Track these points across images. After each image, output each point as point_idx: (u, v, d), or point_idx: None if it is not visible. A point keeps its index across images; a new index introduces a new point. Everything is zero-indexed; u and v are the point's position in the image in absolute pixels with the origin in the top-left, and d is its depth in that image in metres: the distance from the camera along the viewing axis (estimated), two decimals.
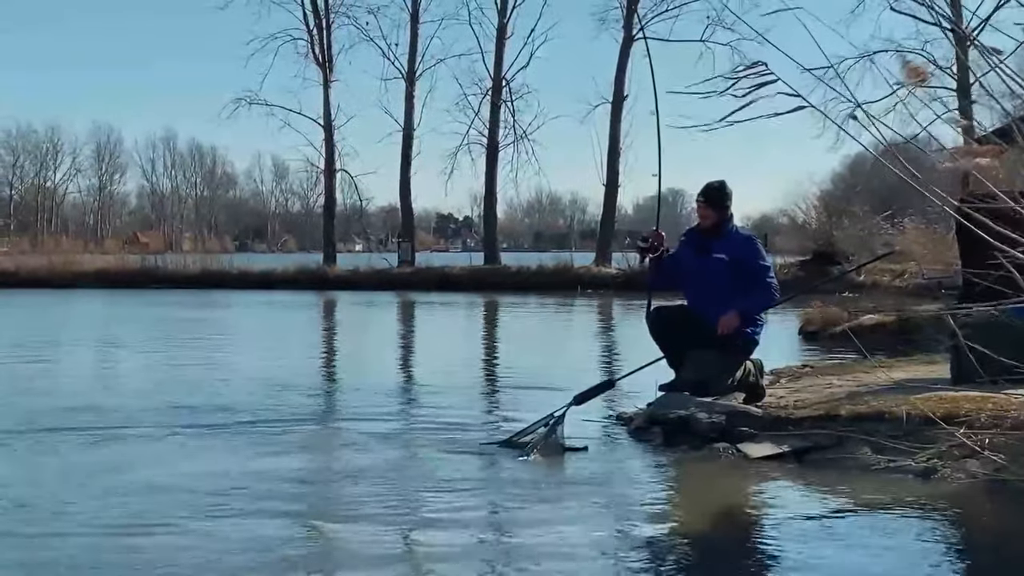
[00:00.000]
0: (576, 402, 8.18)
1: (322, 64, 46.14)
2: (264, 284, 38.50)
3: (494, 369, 14.61)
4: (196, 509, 6.05)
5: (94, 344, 17.84)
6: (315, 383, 12.67)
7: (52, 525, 5.75)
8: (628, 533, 5.72)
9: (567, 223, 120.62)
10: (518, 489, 6.76)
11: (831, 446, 7.36)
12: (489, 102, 45.23)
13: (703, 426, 7.87)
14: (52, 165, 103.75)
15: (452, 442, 8.09)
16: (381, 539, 5.53)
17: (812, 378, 10.06)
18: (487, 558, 5.30)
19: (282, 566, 5.04)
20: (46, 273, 40.06)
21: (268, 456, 7.63)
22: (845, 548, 5.33)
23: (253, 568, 4.99)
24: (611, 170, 43.41)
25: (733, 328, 8.20)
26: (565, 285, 35.83)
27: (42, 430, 8.57)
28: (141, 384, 11.94)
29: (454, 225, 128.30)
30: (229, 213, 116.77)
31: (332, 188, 47.97)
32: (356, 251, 74.20)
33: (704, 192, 8.55)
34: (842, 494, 6.45)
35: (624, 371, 9.61)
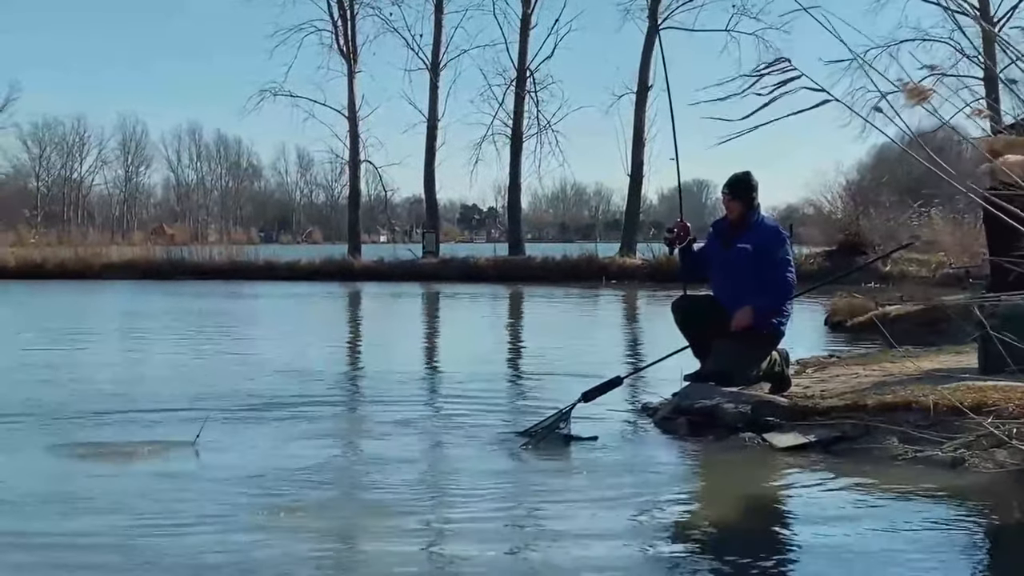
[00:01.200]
0: (584, 399, 8.18)
1: (346, 55, 46.18)
2: (289, 275, 38.62)
3: (519, 359, 14.62)
4: (215, 499, 6.07)
5: (122, 335, 17.94)
6: (341, 373, 12.72)
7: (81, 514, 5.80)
8: (653, 523, 5.72)
9: (592, 214, 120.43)
10: (543, 478, 6.77)
11: (858, 436, 7.33)
12: (513, 93, 45.18)
13: (729, 416, 7.85)
14: (78, 157, 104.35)
15: (476, 431, 8.11)
16: (405, 528, 5.53)
17: (838, 368, 10.03)
18: (512, 547, 5.30)
19: (305, 553, 5.07)
20: (73, 264, 40.25)
21: (294, 443, 7.66)
22: (872, 538, 5.31)
23: (279, 561, 4.99)
24: (636, 160, 43.27)
25: (747, 324, 8.17)
26: (590, 276, 35.84)
27: (69, 418, 8.63)
28: (168, 373, 11.99)
29: (478, 216, 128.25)
30: (254, 205, 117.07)
31: (357, 179, 48.00)
32: (381, 242, 74.36)
33: (729, 184, 8.53)
34: (869, 484, 6.42)
35: (649, 362, 9.58)
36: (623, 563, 4.97)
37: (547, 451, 7.48)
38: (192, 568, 4.85)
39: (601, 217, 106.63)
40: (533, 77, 45.38)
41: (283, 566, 4.88)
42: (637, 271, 36.75)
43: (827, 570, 4.84)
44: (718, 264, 8.51)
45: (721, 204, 8.82)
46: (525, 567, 5.02)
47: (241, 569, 4.82)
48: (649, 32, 42.14)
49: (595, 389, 8.30)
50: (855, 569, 4.84)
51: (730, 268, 8.35)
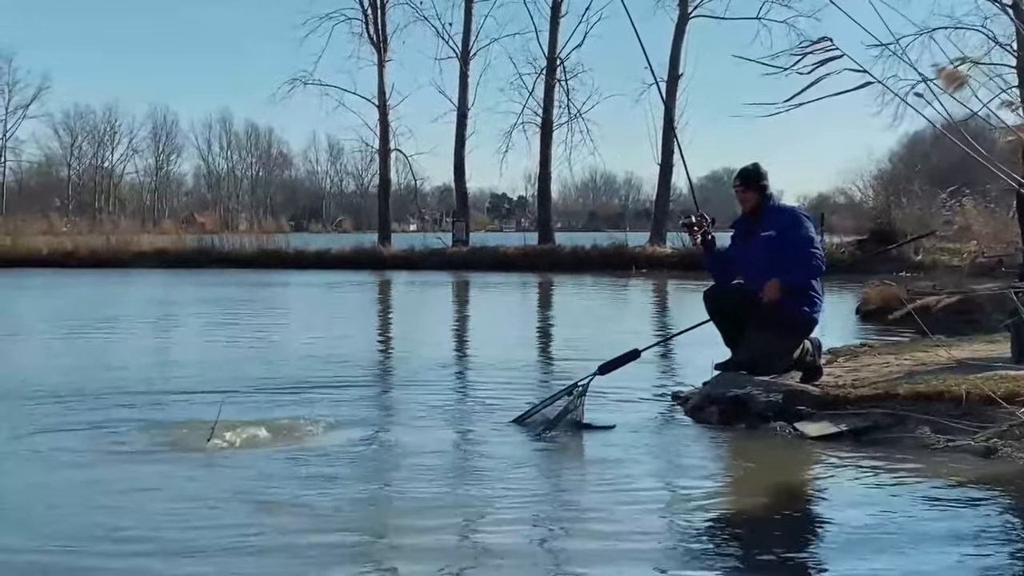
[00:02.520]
0: (600, 371, 8.19)
1: (376, 44, 46.21)
2: (320, 264, 38.76)
3: (549, 346, 14.64)
4: (238, 489, 6.08)
5: (156, 322, 18.03)
6: (373, 358, 12.81)
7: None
8: (684, 512, 5.72)
9: (621, 203, 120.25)
10: (574, 465, 6.79)
11: (890, 425, 7.32)
12: (543, 81, 45.12)
13: (760, 405, 7.84)
14: (109, 146, 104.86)
15: (504, 419, 8.11)
16: (432, 518, 5.53)
17: (870, 357, 9.99)
18: (541, 535, 5.32)
19: (337, 539, 5.10)
20: (105, 253, 40.51)
21: (323, 432, 7.70)
22: (903, 527, 5.30)
23: (310, 548, 5.03)
24: (665, 149, 43.15)
25: (776, 296, 8.11)
26: (620, 265, 35.81)
27: (97, 405, 8.71)
28: (202, 359, 12.07)
29: (508, 205, 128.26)
30: (284, 194, 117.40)
31: (387, 168, 48.03)
32: (410, 231, 74.49)
33: (740, 176, 8.56)
34: (901, 474, 6.40)
35: (680, 351, 9.57)
36: (654, 551, 4.98)
37: (576, 437, 7.49)
38: (215, 553, 4.89)
39: (631, 206, 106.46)
40: (563, 66, 45.31)
41: (311, 552, 4.91)
42: (667, 260, 36.69)
43: (860, 560, 4.83)
44: (746, 257, 8.49)
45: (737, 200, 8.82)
46: (554, 552, 5.04)
47: (260, 553, 4.87)
48: (679, 20, 42.02)
49: (612, 362, 8.30)
50: (887, 558, 4.83)
51: (759, 257, 8.33)
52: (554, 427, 7.63)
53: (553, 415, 7.84)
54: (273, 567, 4.74)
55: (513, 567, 4.77)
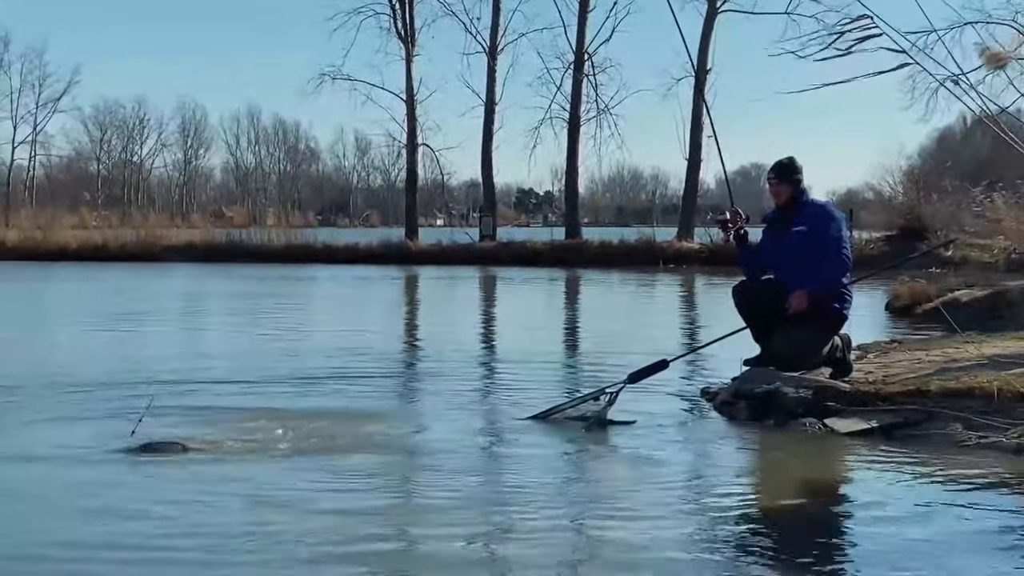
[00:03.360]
0: (630, 380, 8.17)
1: (404, 39, 46.25)
2: (347, 259, 38.77)
3: (577, 341, 14.63)
4: (250, 488, 6.05)
5: (186, 315, 18.13)
6: (400, 352, 12.90)
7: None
8: (713, 507, 5.71)
9: (649, 198, 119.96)
10: (601, 464, 6.79)
11: (920, 422, 7.29)
12: (571, 76, 45.09)
13: (790, 401, 7.81)
14: (138, 140, 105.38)
15: (530, 414, 8.11)
16: (458, 515, 5.55)
17: (900, 353, 9.95)
18: (571, 526, 5.32)
19: (362, 529, 5.12)
20: (135, 247, 40.69)
21: (351, 421, 7.73)
22: (934, 523, 5.27)
23: (327, 548, 5.04)
24: (693, 144, 43.04)
25: (803, 307, 8.10)
26: (647, 260, 35.72)
27: (119, 395, 8.76)
28: (228, 351, 12.15)
29: (535, 200, 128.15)
30: (312, 188, 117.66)
31: (414, 163, 48.06)
32: (438, 226, 74.45)
33: (774, 168, 8.53)
34: (931, 470, 6.37)
35: (709, 347, 9.54)
36: (683, 546, 4.97)
37: (603, 433, 7.50)
38: (238, 554, 4.91)
39: (658, 201, 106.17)
40: (591, 60, 45.22)
41: (328, 552, 4.92)
42: (695, 255, 36.57)
43: (890, 555, 4.81)
44: (776, 252, 8.47)
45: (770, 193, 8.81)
46: (583, 547, 5.03)
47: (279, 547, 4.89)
48: (708, 15, 41.89)
49: (640, 371, 8.29)
50: (918, 554, 4.81)
51: (788, 252, 8.30)
52: (592, 426, 7.63)
53: (576, 416, 7.89)
54: (289, 566, 4.70)
55: (542, 561, 4.76)
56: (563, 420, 7.88)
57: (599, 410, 7.83)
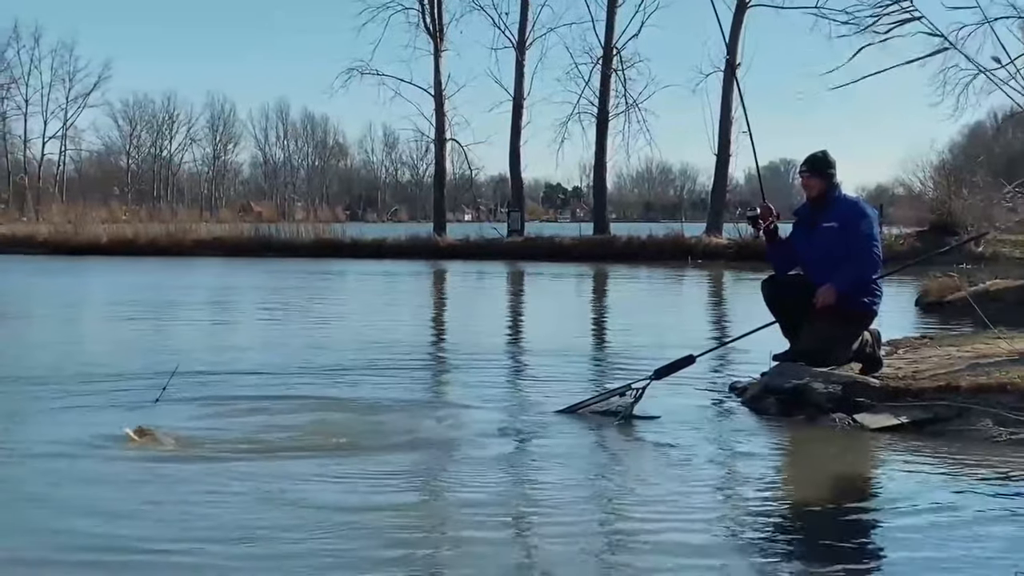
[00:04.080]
0: (656, 376, 8.15)
1: (433, 34, 46.30)
2: (375, 253, 38.91)
3: (605, 337, 14.61)
4: (273, 485, 6.05)
5: (217, 307, 18.21)
6: (429, 346, 12.91)
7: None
8: (741, 502, 5.69)
9: (677, 193, 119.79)
10: (628, 457, 6.77)
11: (951, 418, 7.24)
12: (600, 71, 45.04)
13: (819, 396, 7.77)
14: (168, 135, 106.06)
15: (557, 408, 8.11)
16: (485, 509, 5.53)
17: (931, 349, 9.88)
18: (599, 521, 5.31)
19: (389, 526, 5.12)
20: (164, 241, 40.95)
21: (378, 412, 7.75)
22: (965, 519, 5.23)
23: (350, 544, 5.04)
24: (722, 139, 42.93)
25: (830, 302, 8.06)
26: (676, 256, 35.68)
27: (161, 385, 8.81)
28: (257, 343, 12.20)
29: (563, 195, 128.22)
30: (340, 183, 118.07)
31: (442, 158, 48.13)
32: (465, 221, 74.60)
33: (808, 162, 8.46)
34: (962, 466, 6.33)
35: (737, 342, 9.50)
36: (711, 541, 4.96)
37: (631, 428, 7.49)
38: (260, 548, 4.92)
39: (687, 196, 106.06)
40: (620, 55, 45.16)
41: (353, 549, 4.93)
42: (723, 251, 36.48)
43: (919, 552, 4.78)
44: (805, 248, 8.43)
45: (801, 186, 8.77)
46: (611, 542, 5.02)
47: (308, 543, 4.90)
48: (737, 9, 41.73)
49: (667, 367, 8.27)
50: (947, 551, 4.78)
51: (818, 248, 8.26)
52: (622, 419, 7.63)
53: (602, 411, 7.90)
54: (313, 563, 4.66)
55: (571, 556, 4.75)
56: (589, 415, 7.88)
57: (626, 405, 7.82)
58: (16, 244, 41.71)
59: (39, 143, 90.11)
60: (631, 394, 7.93)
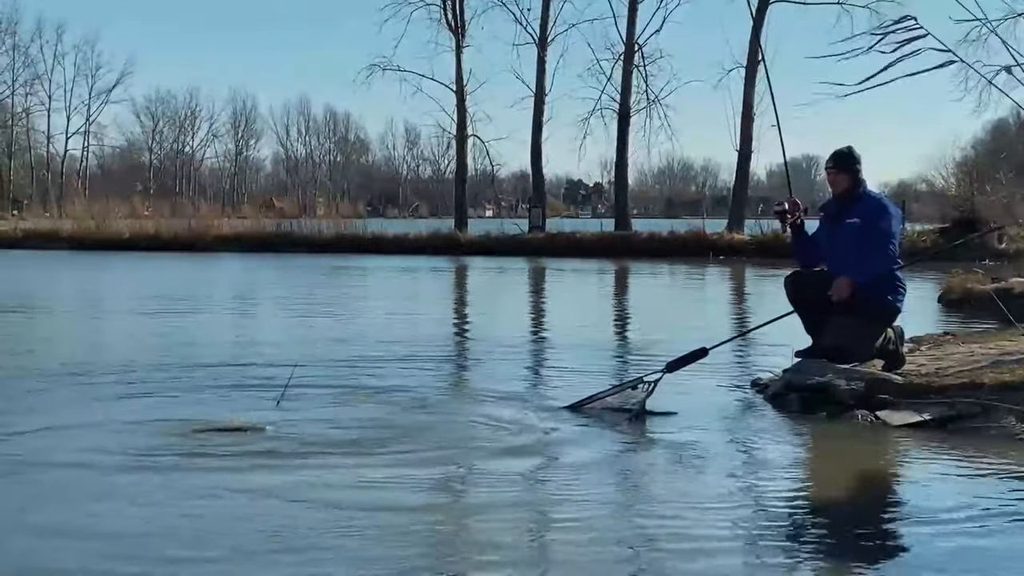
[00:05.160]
0: (668, 370, 8.12)
1: (454, 30, 46.38)
2: (397, 249, 39.04)
3: (626, 333, 14.60)
4: (291, 478, 6.11)
5: (241, 302, 18.29)
6: (449, 342, 12.92)
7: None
8: (765, 499, 5.67)
9: (698, 189, 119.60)
10: (648, 454, 6.76)
11: (974, 415, 7.21)
12: (621, 67, 45.00)
13: (842, 393, 7.75)
14: (190, 130, 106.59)
15: (572, 400, 8.08)
16: (500, 503, 5.56)
17: (954, 346, 9.85)
18: (614, 519, 5.31)
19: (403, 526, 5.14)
20: (187, 237, 41.17)
21: (394, 410, 7.77)
22: (988, 518, 5.21)
23: (363, 546, 5.06)
24: (744, 136, 42.85)
25: (844, 296, 8.04)
26: (697, 252, 35.66)
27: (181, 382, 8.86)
28: (279, 337, 12.24)
29: (584, 191, 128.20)
30: (362, 179, 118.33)
31: (464, 154, 48.23)
32: (487, 217, 74.65)
33: (833, 158, 8.46)
34: (985, 463, 6.31)
35: (759, 338, 9.50)
36: (731, 539, 4.95)
37: (651, 424, 7.48)
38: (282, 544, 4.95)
39: (708, 192, 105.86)
40: (642, 51, 45.21)
41: (365, 552, 4.95)
42: (745, 247, 36.44)
43: (943, 551, 4.77)
44: (829, 243, 8.43)
45: (827, 183, 8.76)
46: (628, 541, 5.01)
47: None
48: (760, 5, 41.64)
49: (679, 360, 8.24)
50: (971, 549, 4.77)
51: (840, 244, 8.26)
52: (636, 416, 7.60)
53: (615, 406, 7.86)
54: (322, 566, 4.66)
55: (588, 554, 4.76)
56: (601, 410, 7.85)
57: (638, 400, 7.80)
58: (40, 239, 41.98)
59: (62, 139, 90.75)
60: (643, 388, 7.91)
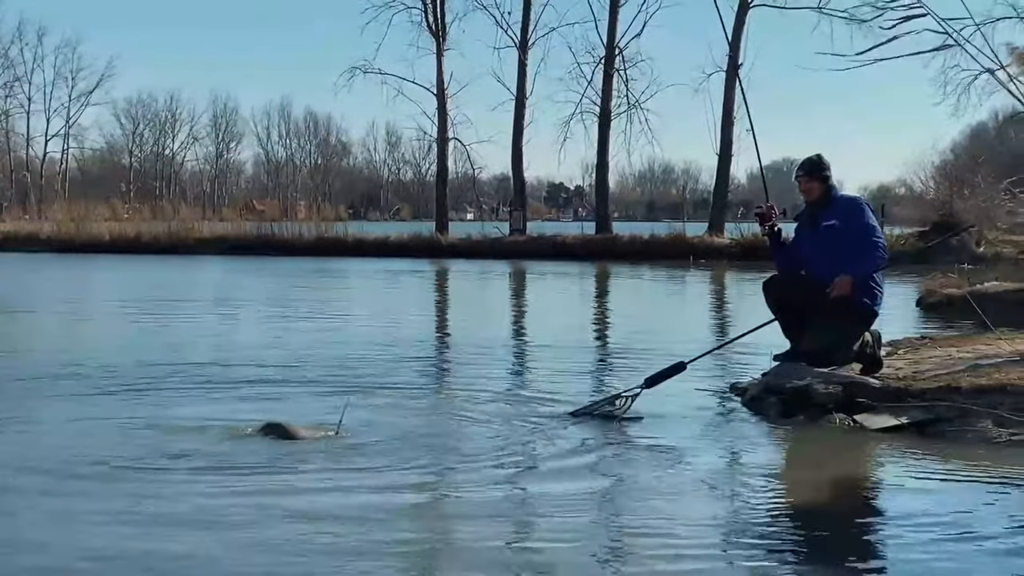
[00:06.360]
0: (647, 385, 8.15)
1: (435, 33, 46.34)
2: (378, 252, 39.03)
3: (606, 337, 14.62)
4: (275, 486, 6.12)
5: (222, 306, 18.24)
6: (432, 346, 12.88)
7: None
8: (742, 504, 5.70)
9: (679, 192, 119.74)
10: (628, 459, 6.75)
11: (952, 418, 7.25)
12: (602, 71, 45.04)
13: (820, 397, 7.78)
14: (170, 133, 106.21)
15: (558, 410, 8.08)
16: (477, 511, 5.55)
17: (931, 350, 9.89)
18: (594, 525, 5.32)
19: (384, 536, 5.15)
20: (167, 239, 41.03)
21: (377, 413, 7.77)
22: (963, 522, 5.24)
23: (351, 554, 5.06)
24: (724, 139, 42.94)
25: (846, 292, 8.07)
26: (678, 255, 35.69)
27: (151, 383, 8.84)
28: (261, 342, 12.21)
29: (565, 194, 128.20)
30: (343, 182, 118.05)
31: (445, 157, 48.20)
32: (468, 220, 74.58)
33: (804, 166, 8.58)
34: (962, 467, 6.34)
35: (737, 342, 9.52)
36: (709, 544, 4.97)
37: (630, 428, 7.49)
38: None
39: (689, 196, 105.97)
40: (622, 55, 45.18)
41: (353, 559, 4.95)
42: (725, 250, 36.54)
43: (919, 554, 4.79)
44: (809, 248, 8.46)
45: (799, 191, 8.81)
46: (609, 547, 5.03)
47: None
48: (740, 9, 41.71)
49: (658, 375, 8.26)
50: (948, 552, 4.79)
51: (822, 247, 8.30)
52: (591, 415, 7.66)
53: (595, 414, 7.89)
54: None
55: (569, 561, 4.77)
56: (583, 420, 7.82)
57: (617, 415, 7.81)
58: (19, 242, 41.77)
59: (42, 141, 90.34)
60: (621, 402, 7.94)
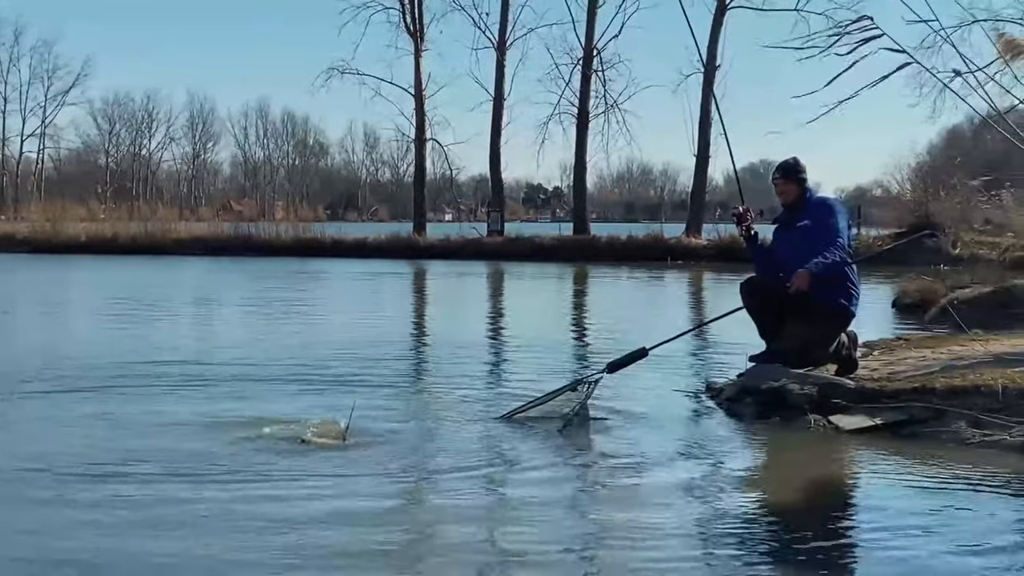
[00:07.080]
0: (609, 370, 8.17)
1: (413, 33, 46.31)
2: (356, 253, 39.02)
3: (583, 337, 14.62)
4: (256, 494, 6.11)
5: (200, 306, 18.20)
6: (406, 347, 12.87)
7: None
8: (718, 505, 5.69)
9: (658, 193, 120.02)
10: (602, 461, 6.74)
11: (926, 420, 7.28)
12: (580, 72, 45.09)
13: (795, 398, 7.80)
14: (147, 133, 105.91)
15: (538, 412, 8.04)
16: (452, 511, 5.56)
17: (906, 351, 9.93)
18: (573, 530, 5.32)
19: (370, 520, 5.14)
20: (144, 240, 40.88)
21: (361, 416, 7.74)
22: (937, 522, 5.27)
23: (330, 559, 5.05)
24: (702, 141, 43.02)
25: (803, 287, 8.06)
26: (655, 256, 35.78)
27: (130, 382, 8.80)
28: (238, 343, 12.18)
29: (543, 195, 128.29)
30: (321, 182, 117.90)
31: (423, 158, 48.18)
32: (446, 220, 74.63)
33: (780, 169, 8.62)
34: (936, 468, 6.37)
35: (713, 343, 9.55)
36: (684, 545, 4.98)
37: (607, 431, 7.49)
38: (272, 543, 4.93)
39: (667, 197, 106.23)
40: (600, 56, 45.31)
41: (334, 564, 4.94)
42: (703, 251, 36.65)
43: (893, 554, 4.81)
44: (786, 249, 8.49)
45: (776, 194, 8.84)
46: (582, 550, 5.03)
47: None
48: (717, 11, 41.84)
49: (620, 361, 8.27)
50: (921, 552, 4.81)
51: (798, 248, 8.33)
52: (567, 425, 7.53)
53: (560, 412, 7.76)
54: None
55: (541, 564, 4.76)
56: (542, 417, 7.75)
57: (578, 402, 7.77)
58: None
59: (18, 141, 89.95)
60: (583, 388, 7.93)
